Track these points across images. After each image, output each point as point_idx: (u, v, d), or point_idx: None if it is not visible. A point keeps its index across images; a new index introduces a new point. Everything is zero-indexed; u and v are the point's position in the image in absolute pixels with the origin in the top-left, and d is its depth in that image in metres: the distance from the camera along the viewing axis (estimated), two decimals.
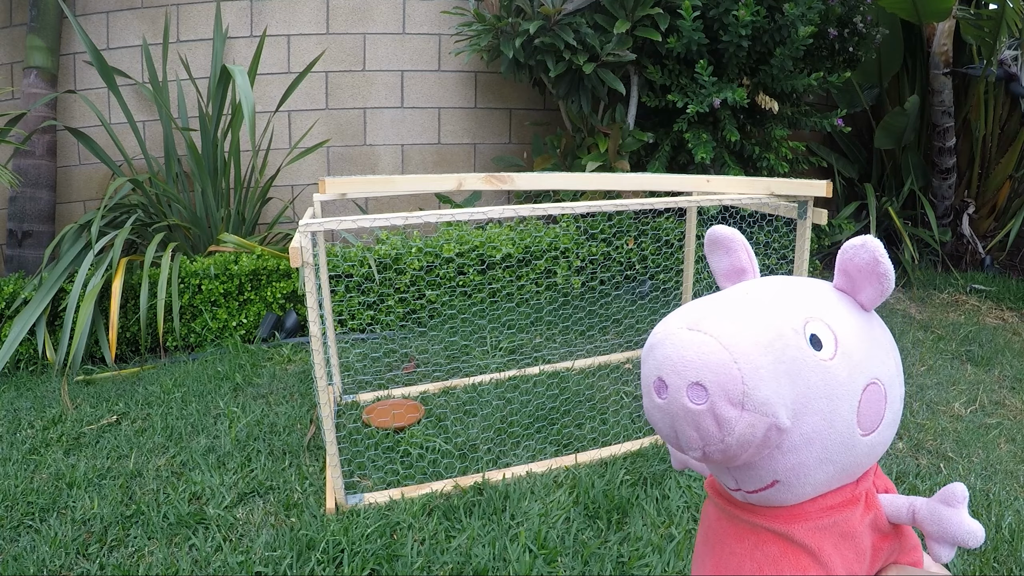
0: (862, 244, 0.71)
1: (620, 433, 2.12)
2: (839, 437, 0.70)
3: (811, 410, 0.68)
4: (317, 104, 3.82)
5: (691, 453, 0.69)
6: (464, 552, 1.57)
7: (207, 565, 1.55)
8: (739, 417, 0.65)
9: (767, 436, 0.67)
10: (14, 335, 2.64)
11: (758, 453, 0.69)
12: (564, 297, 3.30)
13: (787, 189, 2.03)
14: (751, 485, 0.73)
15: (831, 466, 0.71)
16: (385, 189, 1.93)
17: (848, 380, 0.70)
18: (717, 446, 0.66)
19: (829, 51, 3.60)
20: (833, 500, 0.74)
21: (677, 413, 0.66)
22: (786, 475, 0.71)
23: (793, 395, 0.67)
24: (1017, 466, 1.95)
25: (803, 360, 0.68)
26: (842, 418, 0.69)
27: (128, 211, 3.27)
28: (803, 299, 0.73)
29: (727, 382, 0.64)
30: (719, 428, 0.65)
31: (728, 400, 0.64)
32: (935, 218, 3.98)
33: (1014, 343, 2.93)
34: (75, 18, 3.29)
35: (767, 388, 0.65)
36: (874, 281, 0.73)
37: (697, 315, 0.69)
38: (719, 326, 0.67)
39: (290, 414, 2.27)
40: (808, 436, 0.69)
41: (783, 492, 0.72)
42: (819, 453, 0.70)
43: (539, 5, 3.15)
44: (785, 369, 0.67)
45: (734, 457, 0.68)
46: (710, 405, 0.65)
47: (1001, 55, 3.73)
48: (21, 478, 1.92)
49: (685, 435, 0.67)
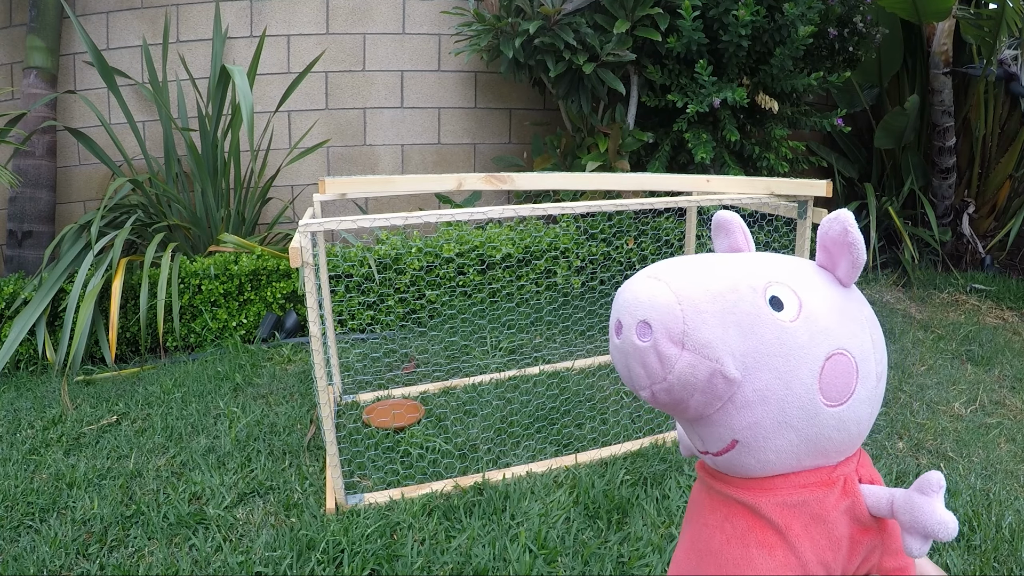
0: (834, 217, 0.75)
1: (620, 433, 2.12)
2: (797, 401, 0.71)
3: (764, 366, 0.70)
4: (317, 104, 3.82)
5: (641, 393, 0.73)
6: (464, 552, 1.57)
7: (207, 565, 1.55)
8: (679, 355, 0.69)
9: (712, 382, 0.70)
10: (14, 335, 2.65)
11: (709, 403, 0.72)
12: (564, 297, 3.30)
13: (787, 189, 2.03)
14: (714, 446, 0.76)
15: (792, 433, 0.72)
16: (385, 189, 1.93)
17: (809, 343, 0.71)
18: (661, 384, 0.70)
19: (829, 51, 3.60)
20: (806, 479, 0.75)
21: (628, 350, 0.71)
22: (743, 434, 0.73)
23: (743, 347, 0.70)
24: (1017, 466, 1.95)
25: (757, 315, 0.71)
26: (800, 381, 0.71)
27: (128, 211, 3.27)
28: (774, 266, 0.77)
29: (669, 321, 0.69)
30: (661, 365, 0.69)
31: (669, 338, 0.68)
32: (935, 218, 3.98)
33: (1014, 343, 2.93)
34: (76, 18, 3.29)
35: (708, 332, 0.69)
36: (845, 251, 0.75)
37: (660, 267, 0.75)
38: (674, 275, 0.72)
39: (290, 414, 2.27)
40: (762, 393, 0.71)
41: (745, 455, 0.74)
42: (776, 415, 0.71)
43: (539, 5, 3.15)
44: (735, 320, 0.70)
45: (681, 401, 0.72)
46: (654, 342, 0.69)
47: (1001, 55, 3.73)
48: (21, 478, 1.92)
49: (635, 372, 0.72)
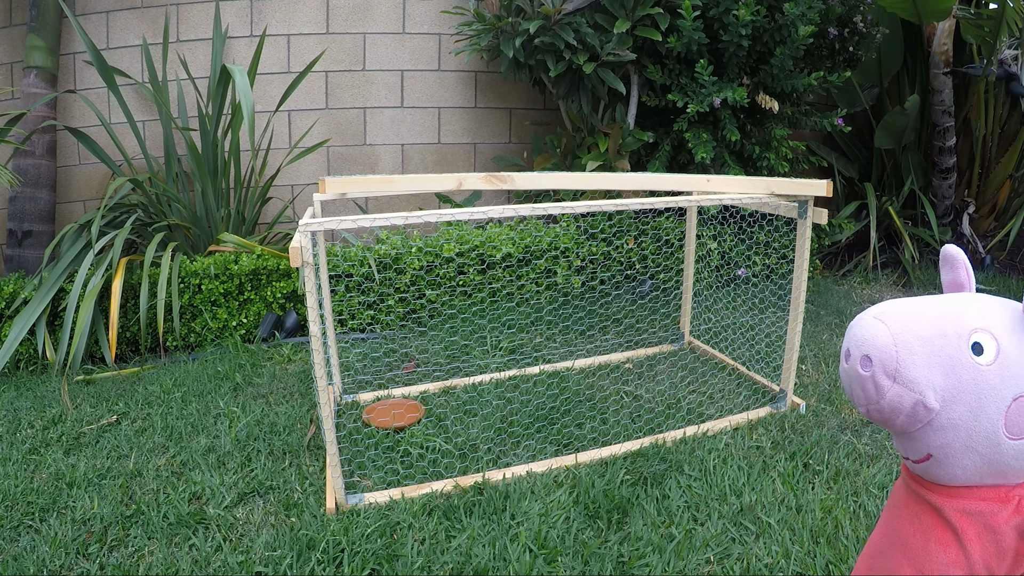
0: None
1: (620, 433, 2.12)
2: (983, 431, 0.85)
3: (959, 401, 0.85)
4: (317, 104, 3.82)
5: (858, 408, 0.90)
6: (464, 552, 1.57)
7: (207, 565, 1.55)
8: (890, 387, 0.85)
9: (915, 410, 0.85)
10: (14, 335, 2.64)
11: (911, 424, 0.87)
12: (564, 297, 3.30)
13: (787, 189, 2.03)
14: (913, 455, 0.92)
15: (976, 456, 0.86)
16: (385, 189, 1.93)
17: (1000, 386, 0.85)
18: (874, 406, 0.87)
19: (829, 51, 3.60)
20: (986, 493, 0.89)
21: (852, 375, 0.89)
22: (937, 451, 0.88)
23: (944, 384, 0.85)
24: None
25: (959, 359, 0.85)
26: (988, 416, 0.85)
27: (128, 211, 3.27)
28: (981, 312, 0.90)
29: (885, 358, 0.85)
30: (876, 392, 0.86)
31: (884, 371, 0.85)
32: (935, 218, 3.98)
33: None
34: (75, 18, 3.29)
35: (916, 370, 0.84)
36: None
37: (884, 308, 0.90)
38: (894, 318, 0.87)
39: (290, 414, 2.27)
40: (954, 422, 0.85)
41: (936, 468, 0.90)
42: (964, 440, 0.86)
43: (539, 5, 3.15)
44: (939, 361, 0.85)
45: (888, 420, 0.88)
46: (872, 373, 0.86)
47: (1001, 54, 3.73)
48: (21, 478, 1.92)
49: (855, 394, 0.89)
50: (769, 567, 1.51)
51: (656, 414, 2.25)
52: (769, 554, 1.55)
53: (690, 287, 2.79)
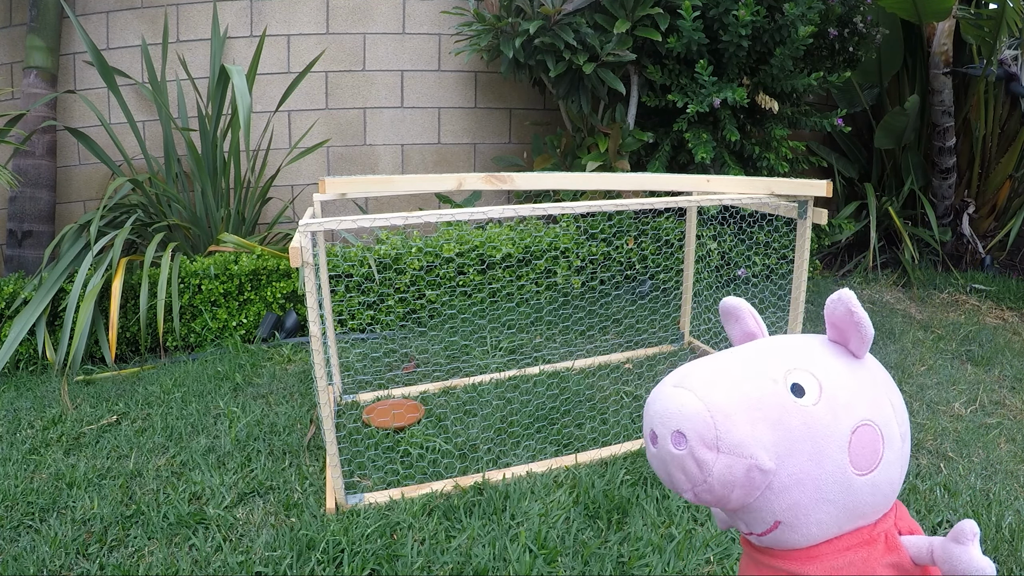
0: (837, 298, 0.81)
1: (620, 433, 2.12)
2: (830, 477, 0.76)
3: (795, 452, 0.75)
4: (317, 104, 3.82)
5: (685, 495, 0.78)
6: (464, 552, 1.57)
7: (207, 565, 1.55)
8: (715, 459, 0.74)
9: (749, 476, 0.75)
10: (14, 335, 2.64)
11: (748, 494, 0.76)
12: (564, 297, 3.30)
13: (787, 189, 2.03)
14: (758, 527, 0.81)
15: (830, 506, 0.77)
16: (385, 189, 1.93)
17: (833, 422, 0.77)
18: (702, 486, 0.75)
19: (829, 51, 3.60)
20: (849, 541, 0.79)
21: (666, 459, 0.76)
22: (785, 515, 0.77)
23: (774, 438, 0.75)
24: (1017, 466, 1.95)
25: (783, 406, 0.76)
26: (831, 459, 0.76)
27: (128, 211, 3.27)
28: (789, 353, 0.82)
29: (701, 428, 0.74)
30: (700, 470, 0.74)
31: (704, 444, 0.74)
32: (935, 218, 3.98)
33: (1014, 343, 2.93)
34: (75, 18, 3.29)
35: (739, 432, 0.74)
36: (853, 329, 0.80)
37: (683, 373, 0.80)
38: (698, 382, 0.77)
39: (290, 414, 2.27)
40: (797, 476, 0.76)
41: (788, 533, 0.79)
42: (812, 493, 0.76)
43: (539, 5, 3.15)
44: (762, 415, 0.75)
45: (723, 498, 0.76)
46: (689, 450, 0.74)
47: (1001, 55, 3.73)
48: (21, 478, 1.92)
49: (675, 478, 0.77)
50: None
51: None
52: None
53: (690, 287, 2.79)
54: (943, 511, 1.72)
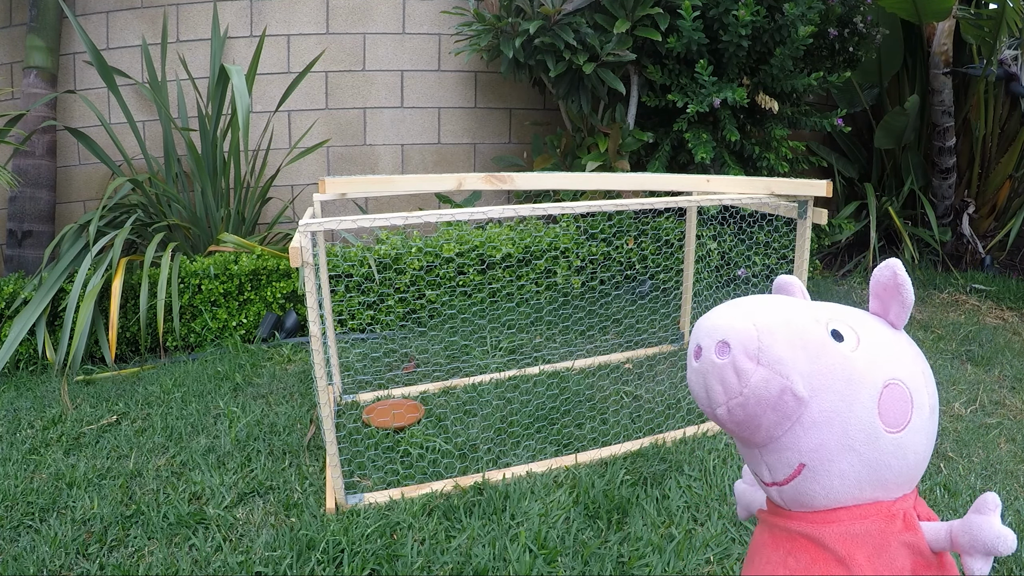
0: (884, 264, 0.84)
1: (620, 433, 2.12)
2: (859, 423, 0.77)
3: (829, 388, 0.77)
4: (317, 104, 3.82)
5: (717, 411, 0.79)
6: (464, 552, 1.57)
7: (207, 565, 1.55)
8: (754, 369, 0.76)
9: (783, 399, 0.76)
10: (14, 335, 2.64)
11: (779, 422, 0.78)
12: (564, 297, 3.30)
13: (787, 189, 2.03)
14: (782, 472, 0.81)
15: (855, 456, 0.78)
16: (385, 189, 1.93)
17: (867, 371, 0.78)
18: (737, 399, 0.77)
19: (829, 51, 3.59)
20: (867, 511, 0.80)
21: (708, 370, 0.78)
22: (810, 456, 0.78)
23: (810, 369, 0.77)
24: (1017, 466, 1.95)
25: (822, 343, 0.78)
26: (861, 404, 0.77)
27: (128, 211, 3.27)
28: (834, 308, 0.85)
29: (745, 339, 0.77)
30: (738, 379, 0.76)
31: (746, 354, 0.76)
32: (935, 218, 3.98)
33: (1014, 343, 2.93)
34: (75, 18, 3.29)
35: (780, 349, 0.76)
36: (895, 294, 0.83)
37: (731, 302, 0.84)
38: (748, 306, 0.81)
39: (290, 414, 2.27)
40: (827, 414, 0.77)
41: (810, 481, 0.79)
42: (840, 436, 0.77)
43: (539, 5, 3.15)
44: (802, 344, 0.77)
45: (755, 417, 0.78)
46: (731, 358, 0.76)
47: (1001, 55, 3.73)
48: (21, 478, 1.92)
49: (712, 390, 0.79)
50: None
51: (656, 414, 2.24)
52: None
53: (690, 287, 2.79)
54: (943, 511, 1.72)
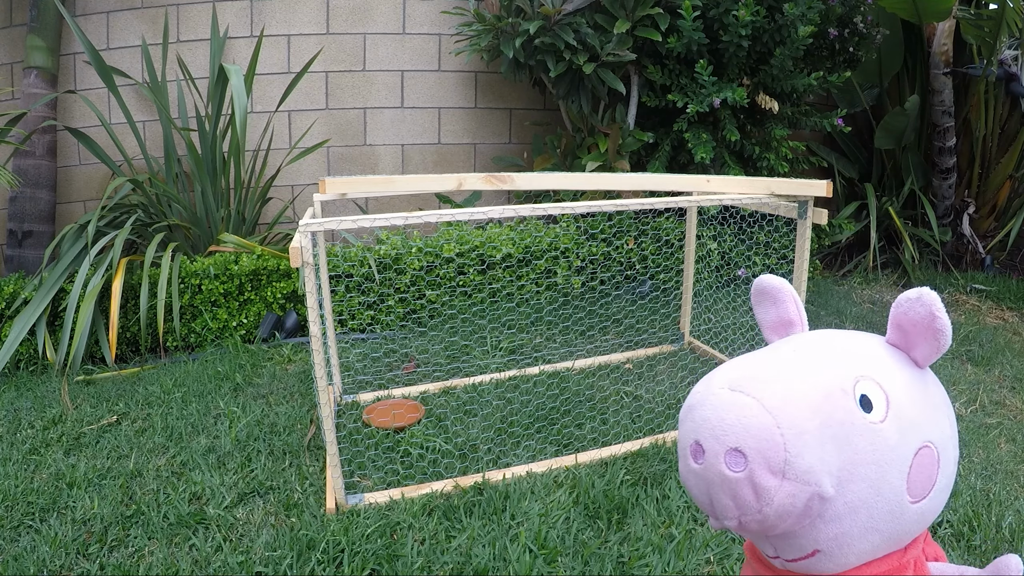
0: (918, 298, 0.68)
1: (620, 433, 2.12)
2: (886, 505, 0.66)
3: (858, 477, 0.64)
4: (317, 104, 3.82)
5: (727, 523, 0.64)
6: (464, 552, 1.57)
7: (207, 565, 1.55)
8: (779, 487, 0.60)
9: (808, 506, 0.63)
10: (14, 335, 2.64)
11: (798, 523, 0.64)
12: (564, 297, 3.30)
13: (787, 189, 2.03)
14: (790, 554, 0.69)
15: (876, 535, 0.67)
16: (385, 189, 1.93)
17: (898, 444, 0.66)
18: (754, 516, 0.62)
19: (829, 51, 3.60)
20: (879, 568, 0.70)
21: (713, 480, 0.62)
22: (828, 544, 0.67)
23: (839, 462, 0.63)
24: (1017, 466, 1.95)
25: (851, 423, 0.64)
26: (890, 485, 0.66)
27: (128, 211, 3.27)
28: (854, 356, 0.69)
29: (768, 449, 0.60)
30: (757, 498, 0.61)
31: (768, 468, 0.60)
32: (935, 218, 3.98)
33: (1014, 343, 2.92)
34: (72, 19, 3.29)
35: (811, 456, 0.61)
36: (930, 337, 0.69)
37: (740, 373, 0.65)
38: (764, 387, 0.63)
39: (290, 414, 2.27)
40: (853, 505, 0.65)
41: (824, 561, 0.69)
42: (864, 522, 0.66)
43: (539, 5, 3.15)
44: (832, 434, 0.63)
45: (772, 527, 0.64)
46: (748, 473, 0.60)
47: (1001, 55, 3.73)
48: (21, 478, 1.92)
49: (721, 504, 0.63)
50: None
51: (656, 414, 2.24)
52: None
53: (690, 287, 2.79)
54: (943, 511, 1.72)
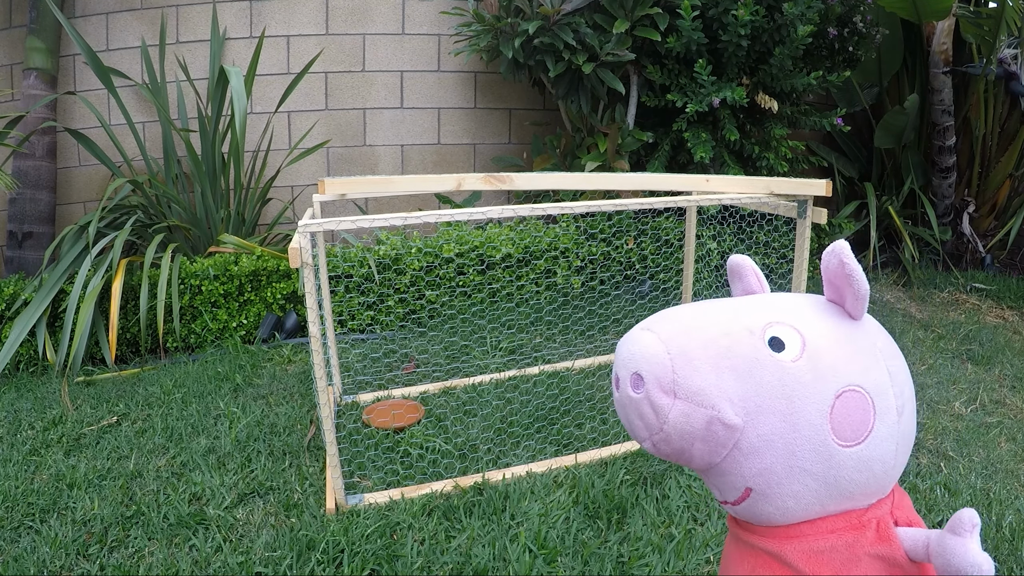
0: (830, 250, 0.74)
1: (620, 433, 2.12)
2: (807, 443, 0.69)
3: (767, 409, 0.69)
4: (317, 105, 3.82)
5: (643, 444, 0.73)
6: (464, 552, 1.57)
7: (207, 565, 1.55)
8: (672, 405, 0.69)
9: (711, 429, 0.69)
10: (14, 336, 2.65)
11: (712, 451, 0.70)
12: (564, 297, 3.30)
13: (787, 188, 2.03)
14: (730, 495, 0.75)
15: (808, 477, 0.70)
16: (384, 189, 1.93)
17: (814, 382, 0.70)
18: (658, 435, 0.70)
19: (829, 50, 3.59)
20: (834, 524, 0.72)
21: (626, 404, 0.72)
22: (755, 481, 0.71)
23: (742, 391, 0.69)
24: (1017, 465, 1.95)
25: (755, 358, 0.70)
26: (808, 422, 0.69)
27: (128, 212, 3.27)
28: (775, 307, 0.75)
29: (659, 370, 0.69)
30: (656, 416, 0.70)
31: (660, 388, 0.69)
32: (935, 217, 3.98)
33: (1014, 342, 2.92)
34: (68, 22, 3.28)
35: (700, 378, 0.68)
36: (847, 284, 0.74)
37: (654, 318, 0.76)
38: (664, 325, 0.73)
39: (290, 414, 2.27)
40: (768, 438, 0.69)
41: (762, 503, 0.72)
42: (785, 459, 0.70)
43: (538, 5, 3.15)
44: (730, 365, 0.69)
45: (682, 451, 0.71)
46: (646, 393, 0.69)
47: (1001, 54, 3.73)
48: (22, 479, 1.92)
49: (634, 424, 0.72)
50: None
51: None
52: None
53: (690, 287, 2.79)
54: (943, 510, 1.72)
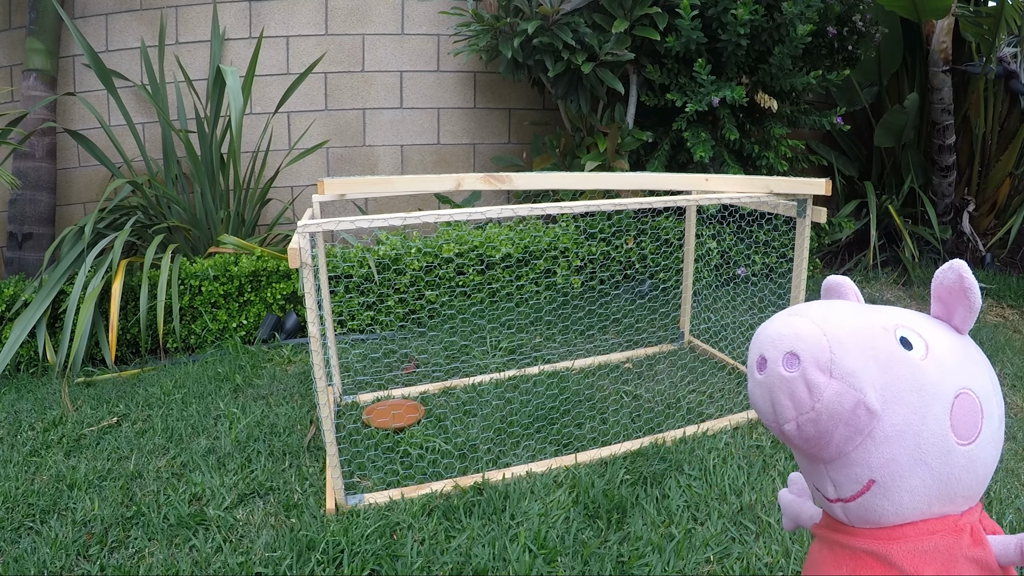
0: (948, 267, 0.79)
1: (620, 433, 2.12)
2: (932, 436, 0.74)
3: (901, 401, 0.74)
4: (316, 105, 3.82)
5: (785, 427, 0.75)
6: (464, 552, 1.57)
7: (207, 566, 1.55)
8: (827, 383, 0.72)
9: (856, 413, 0.72)
10: (14, 337, 2.65)
11: (851, 437, 0.74)
12: (564, 297, 3.30)
13: (786, 187, 2.03)
14: (849, 489, 0.78)
15: (926, 471, 0.75)
16: (384, 190, 1.93)
17: (939, 381, 0.75)
18: (808, 414, 0.73)
19: (828, 49, 3.59)
20: (935, 526, 0.76)
21: (774, 383, 0.74)
22: (880, 472, 0.75)
23: (882, 380, 0.73)
24: (1018, 464, 1.95)
25: (892, 352, 0.74)
26: (934, 416, 0.74)
27: (128, 213, 3.28)
28: (898, 313, 0.81)
29: (816, 350, 0.72)
30: (809, 393, 0.72)
31: (817, 366, 0.72)
32: (935, 216, 3.97)
33: (1015, 341, 2.92)
34: (71, 21, 3.29)
35: (852, 360, 0.72)
36: (962, 298, 0.79)
37: (799, 307, 0.79)
38: (814, 312, 0.77)
39: (290, 415, 2.27)
40: (900, 428, 0.74)
41: (880, 496, 0.76)
42: (912, 451, 0.74)
43: (537, 5, 3.15)
44: (874, 354, 0.74)
45: (826, 433, 0.74)
46: (802, 371, 0.72)
47: (1000, 52, 3.72)
48: (22, 480, 1.92)
49: (781, 404, 0.74)
50: (769, 566, 1.51)
51: (656, 414, 2.24)
52: (769, 553, 1.55)
53: (690, 286, 2.79)
54: None
